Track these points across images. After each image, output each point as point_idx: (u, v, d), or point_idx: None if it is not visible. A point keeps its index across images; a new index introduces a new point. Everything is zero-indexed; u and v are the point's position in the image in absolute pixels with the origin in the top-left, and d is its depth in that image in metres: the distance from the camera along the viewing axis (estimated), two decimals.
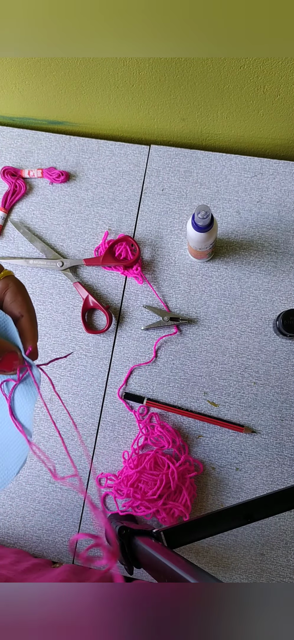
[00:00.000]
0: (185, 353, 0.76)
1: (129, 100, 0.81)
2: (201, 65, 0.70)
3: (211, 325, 0.76)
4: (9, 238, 0.84)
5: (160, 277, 0.79)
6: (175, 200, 0.82)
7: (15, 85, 0.82)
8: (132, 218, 0.82)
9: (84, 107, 0.85)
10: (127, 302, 0.79)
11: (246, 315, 0.76)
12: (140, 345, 0.77)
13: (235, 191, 0.82)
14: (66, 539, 0.72)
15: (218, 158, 0.83)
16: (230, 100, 0.76)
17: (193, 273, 0.79)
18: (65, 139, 0.87)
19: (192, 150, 0.84)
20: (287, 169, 0.81)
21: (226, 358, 0.75)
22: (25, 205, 0.85)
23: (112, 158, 0.86)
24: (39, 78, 0.79)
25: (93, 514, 0.28)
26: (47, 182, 0.85)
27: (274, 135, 0.83)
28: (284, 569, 0.68)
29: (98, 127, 0.90)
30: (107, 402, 0.75)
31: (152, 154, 0.85)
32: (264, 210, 0.80)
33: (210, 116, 0.81)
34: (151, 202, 0.83)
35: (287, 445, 0.72)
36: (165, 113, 0.83)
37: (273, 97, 0.74)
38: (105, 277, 0.80)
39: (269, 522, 0.69)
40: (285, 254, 0.78)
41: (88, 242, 0.82)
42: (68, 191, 0.85)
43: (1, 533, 0.73)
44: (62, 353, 0.77)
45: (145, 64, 0.72)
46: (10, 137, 0.88)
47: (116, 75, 0.75)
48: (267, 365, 0.74)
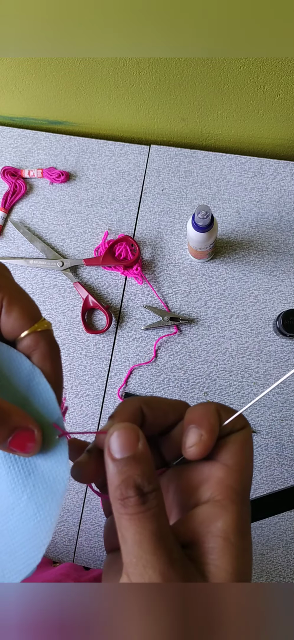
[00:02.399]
0: (185, 353, 0.76)
1: (129, 100, 0.81)
2: (201, 65, 0.70)
3: (211, 325, 0.76)
4: (9, 238, 0.84)
5: (160, 277, 0.79)
6: (175, 200, 0.82)
7: (15, 85, 0.82)
8: (132, 218, 0.82)
9: (84, 107, 0.85)
10: (127, 302, 0.79)
11: (246, 315, 0.76)
12: (140, 345, 0.77)
13: (235, 191, 0.82)
14: (66, 539, 0.72)
15: (218, 158, 0.83)
16: (230, 100, 0.76)
17: (193, 273, 0.79)
18: (65, 139, 0.87)
19: (192, 150, 0.84)
20: (287, 169, 0.81)
21: (226, 358, 0.75)
22: (25, 205, 0.85)
23: (112, 158, 0.86)
24: (39, 78, 0.79)
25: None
26: (47, 182, 0.85)
27: (274, 135, 0.83)
28: (284, 569, 0.68)
29: (98, 127, 0.90)
30: (107, 402, 0.75)
31: (152, 154, 0.85)
32: (264, 210, 0.80)
33: (210, 116, 0.81)
34: (151, 202, 0.83)
35: (287, 445, 0.72)
36: (165, 113, 0.83)
37: (273, 97, 0.74)
38: (105, 277, 0.80)
39: (269, 522, 0.69)
40: (285, 254, 0.78)
41: (88, 242, 0.82)
42: (68, 191, 0.85)
43: None
44: (62, 353, 0.77)
45: (145, 64, 0.72)
46: (10, 137, 0.88)
47: (116, 75, 0.75)
48: (267, 365, 0.74)
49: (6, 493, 0.23)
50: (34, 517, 0.23)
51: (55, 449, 0.24)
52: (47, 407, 0.24)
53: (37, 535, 0.23)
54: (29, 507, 0.23)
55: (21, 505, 0.23)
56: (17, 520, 0.23)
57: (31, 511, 0.23)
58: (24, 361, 0.24)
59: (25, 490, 0.23)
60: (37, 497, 0.23)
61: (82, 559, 0.71)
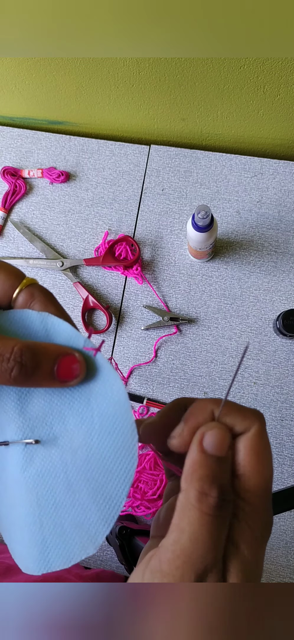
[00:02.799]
0: (185, 353, 0.76)
1: (129, 100, 0.81)
2: (201, 65, 0.70)
3: (211, 325, 0.76)
4: (9, 238, 0.84)
5: (160, 277, 0.79)
6: (175, 200, 0.82)
7: (15, 85, 0.82)
8: (132, 218, 0.82)
9: (84, 107, 0.85)
10: (127, 302, 0.79)
11: (246, 315, 0.76)
12: (140, 345, 0.77)
13: (235, 191, 0.82)
14: None
15: (218, 158, 0.83)
16: (230, 100, 0.76)
17: (193, 273, 0.79)
18: (65, 139, 0.87)
19: (192, 150, 0.84)
20: (287, 169, 0.81)
21: (226, 358, 0.75)
22: (25, 205, 0.85)
23: (112, 158, 0.86)
24: (39, 78, 0.79)
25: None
26: (47, 182, 0.85)
27: (274, 135, 0.83)
28: (284, 569, 0.68)
29: (98, 127, 0.90)
30: None
31: (152, 154, 0.85)
32: (264, 210, 0.80)
33: (210, 116, 0.81)
34: (151, 202, 0.83)
35: (287, 445, 0.71)
36: (165, 113, 0.83)
37: (273, 97, 0.74)
38: (105, 277, 0.80)
39: None
40: (285, 254, 0.78)
41: (88, 242, 0.82)
42: (68, 191, 0.85)
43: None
44: None
45: (145, 64, 0.72)
46: (10, 137, 0.88)
47: (116, 75, 0.75)
48: (267, 365, 0.74)
49: (78, 425, 0.23)
50: (113, 431, 0.22)
51: (98, 369, 0.23)
52: (71, 339, 0.24)
53: (125, 437, 0.22)
54: (104, 425, 0.23)
55: (96, 427, 0.23)
56: (98, 441, 0.23)
57: (108, 427, 0.23)
58: (30, 314, 0.24)
59: (94, 412, 0.23)
60: (106, 413, 0.23)
61: None
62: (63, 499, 0.23)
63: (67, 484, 0.23)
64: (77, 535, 0.22)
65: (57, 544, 0.23)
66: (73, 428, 0.23)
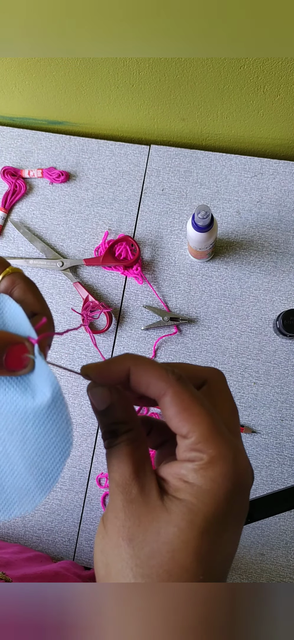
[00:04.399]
0: (185, 353, 0.76)
1: (129, 100, 0.81)
2: (201, 65, 0.70)
3: (211, 325, 0.76)
4: (9, 238, 0.84)
5: (160, 277, 0.79)
6: (175, 200, 0.82)
7: (15, 85, 0.82)
8: (132, 218, 0.82)
9: (84, 107, 0.85)
10: (127, 302, 0.79)
11: (246, 315, 0.76)
12: (140, 345, 0.77)
13: (235, 191, 0.82)
14: (66, 538, 0.72)
15: (218, 158, 0.83)
16: (230, 100, 0.76)
17: (193, 273, 0.79)
18: (65, 139, 0.87)
19: (192, 150, 0.84)
20: (287, 169, 0.81)
21: (226, 358, 0.75)
22: (25, 205, 0.85)
23: (112, 158, 0.86)
24: (39, 78, 0.79)
25: None
26: (47, 182, 0.85)
27: (274, 135, 0.83)
28: (284, 569, 0.68)
29: (98, 127, 0.90)
30: None
31: (152, 154, 0.85)
32: (264, 210, 0.80)
33: (210, 116, 0.81)
34: (151, 202, 0.83)
35: (287, 445, 0.72)
36: (165, 113, 0.83)
37: (273, 97, 0.74)
38: (105, 277, 0.80)
39: (269, 522, 0.69)
40: (285, 254, 0.78)
41: (88, 242, 0.82)
42: (68, 191, 0.85)
43: (1, 533, 0.73)
44: (63, 353, 0.77)
45: (145, 64, 0.72)
46: (10, 137, 0.88)
47: (116, 75, 0.75)
48: (267, 365, 0.74)
49: (12, 413, 0.24)
50: (48, 423, 0.24)
51: (36, 361, 0.24)
52: (21, 326, 0.24)
53: (60, 425, 0.24)
54: (38, 418, 0.24)
55: (30, 418, 0.24)
56: (32, 431, 0.24)
57: (42, 420, 0.24)
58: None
59: (28, 404, 0.24)
60: (40, 407, 0.24)
61: (82, 558, 0.71)
62: (3, 465, 0.24)
63: (6, 455, 0.24)
64: (16, 496, 0.24)
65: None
66: (8, 414, 0.24)
